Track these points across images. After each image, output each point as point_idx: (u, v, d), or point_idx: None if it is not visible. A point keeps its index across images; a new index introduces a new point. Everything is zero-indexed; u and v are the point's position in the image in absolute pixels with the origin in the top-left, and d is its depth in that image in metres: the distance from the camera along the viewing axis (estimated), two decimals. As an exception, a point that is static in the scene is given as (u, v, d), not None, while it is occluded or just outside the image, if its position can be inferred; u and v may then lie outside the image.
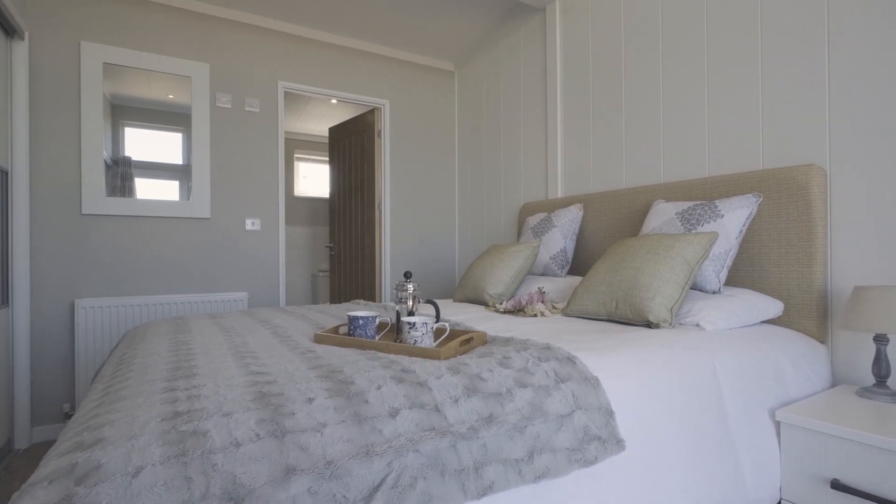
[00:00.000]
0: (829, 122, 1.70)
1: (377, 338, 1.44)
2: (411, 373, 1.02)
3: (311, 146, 5.86)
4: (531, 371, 1.10)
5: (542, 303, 2.02)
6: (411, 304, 1.42)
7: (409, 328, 1.26)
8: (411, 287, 1.42)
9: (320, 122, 5.43)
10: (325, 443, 0.80)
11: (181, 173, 3.04)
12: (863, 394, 1.47)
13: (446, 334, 1.38)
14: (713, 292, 1.75)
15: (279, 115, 3.34)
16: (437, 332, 1.42)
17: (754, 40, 1.92)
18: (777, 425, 1.44)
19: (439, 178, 4.03)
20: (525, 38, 3.26)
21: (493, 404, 0.99)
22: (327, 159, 5.97)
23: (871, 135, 1.60)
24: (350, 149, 4.11)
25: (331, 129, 4.34)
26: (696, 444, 1.24)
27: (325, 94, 3.55)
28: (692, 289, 1.79)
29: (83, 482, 0.66)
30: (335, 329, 1.47)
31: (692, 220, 1.86)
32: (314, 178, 5.94)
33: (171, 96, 3.00)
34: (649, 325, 1.61)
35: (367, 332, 1.38)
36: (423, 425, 0.89)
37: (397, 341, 1.31)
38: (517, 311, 2.05)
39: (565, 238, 2.53)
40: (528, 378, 1.07)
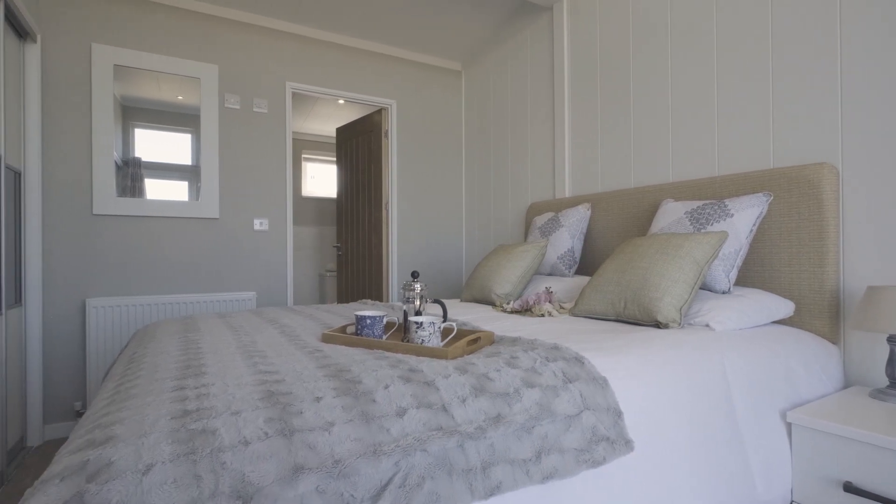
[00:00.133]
0: (842, 120, 1.68)
1: (384, 337, 1.44)
2: (419, 372, 1.02)
3: (319, 146, 5.88)
4: (539, 371, 1.09)
5: (550, 303, 2.01)
6: (418, 303, 1.42)
7: (417, 328, 1.26)
8: (419, 287, 1.42)
9: (328, 123, 5.45)
10: (333, 442, 0.80)
11: (190, 174, 3.06)
12: (876, 395, 1.45)
13: (453, 334, 1.38)
14: (723, 292, 1.73)
15: (287, 116, 3.36)
16: (445, 332, 1.42)
17: (764, 37, 1.90)
18: (788, 427, 1.42)
19: (446, 178, 4.03)
20: (532, 37, 3.25)
21: (501, 404, 0.98)
22: (335, 159, 5.99)
23: (885, 133, 1.57)
24: (357, 149, 4.12)
25: (338, 130, 4.36)
26: (705, 446, 1.23)
27: (332, 95, 3.56)
28: (702, 289, 1.78)
29: (94, 479, 0.66)
30: (343, 328, 1.48)
31: (701, 220, 1.84)
32: (322, 179, 5.96)
33: (180, 97, 3.03)
34: (658, 325, 1.60)
35: (375, 331, 1.39)
36: (431, 425, 0.89)
37: (405, 341, 1.31)
38: (525, 310, 2.05)
39: (573, 238, 2.52)
40: (535, 378, 1.07)
